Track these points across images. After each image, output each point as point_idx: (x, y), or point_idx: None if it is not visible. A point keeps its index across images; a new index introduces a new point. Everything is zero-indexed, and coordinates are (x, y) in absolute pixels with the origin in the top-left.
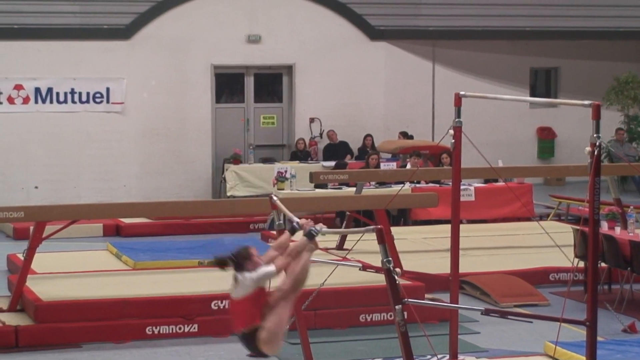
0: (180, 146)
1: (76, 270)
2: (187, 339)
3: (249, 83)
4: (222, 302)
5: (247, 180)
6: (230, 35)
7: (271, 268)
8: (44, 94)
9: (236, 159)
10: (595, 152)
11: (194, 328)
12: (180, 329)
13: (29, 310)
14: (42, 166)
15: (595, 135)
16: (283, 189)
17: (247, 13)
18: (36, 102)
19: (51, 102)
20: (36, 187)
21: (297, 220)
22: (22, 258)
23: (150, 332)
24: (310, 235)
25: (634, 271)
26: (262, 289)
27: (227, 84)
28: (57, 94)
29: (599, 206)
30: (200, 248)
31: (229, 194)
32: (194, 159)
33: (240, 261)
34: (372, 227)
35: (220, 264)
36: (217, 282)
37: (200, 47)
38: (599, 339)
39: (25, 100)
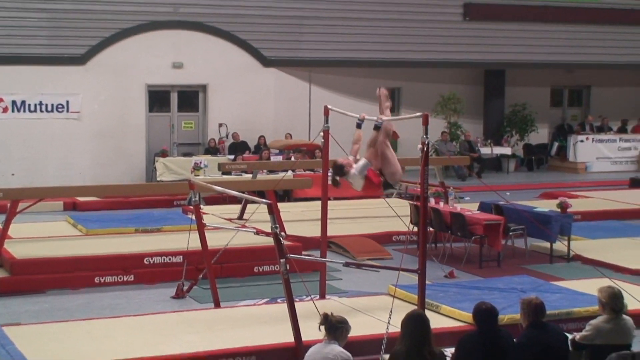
0: (122, 144)
1: (42, 236)
2: (125, 286)
3: (174, 98)
4: (152, 259)
5: (172, 169)
6: (160, 62)
7: (364, 161)
8: (19, 105)
9: (164, 153)
10: (425, 149)
11: (131, 278)
12: (120, 278)
13: (6, 266)
14: (18, 159)
15: (424, 136)
16: (198, 175)
17: (173, 46)
18: (13, 111)
19: (25, 111)
20: (13, 175)
21: (359, 118)
22: (1, 227)
23: (98, 281)
24: (376, 127)
25: (452, 233)
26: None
27: (158, 98)
28: (29, 105)
29: (427, 187)
30: (136, 219)
31: (158, 179)
32: (132, 154)
33: (339, 172)
34: (264, 201)
35: (334, 181)
36: (148, 244)
37: (137, 71)
38: (427, 282)
39: (5, 110)
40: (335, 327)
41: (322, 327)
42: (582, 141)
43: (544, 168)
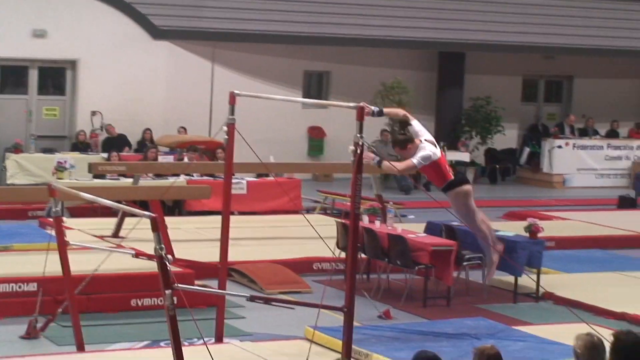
0: None
1: None
2: None
3: (33, 76)
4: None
5: (28, 169)
6: (15, 29)
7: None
8: None
9: (17, 148)
10: (359, 151)
11: None
12: None
13: None
14: None
15: (358, 135)
16: (62, 179)
17: (34, 8)
18: None
19: None
20: None
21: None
22: None
23: None
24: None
25: (390, 262)
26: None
27: (12, 76)
28: None
29: (360, 201)
30: None
31: (8, 182)
32: None
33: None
34: (146, 213)
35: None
36: None
37: None
38: (356, 324)
39: None
40: None
41: None
42: (560, 147)
43: (510, 180)
